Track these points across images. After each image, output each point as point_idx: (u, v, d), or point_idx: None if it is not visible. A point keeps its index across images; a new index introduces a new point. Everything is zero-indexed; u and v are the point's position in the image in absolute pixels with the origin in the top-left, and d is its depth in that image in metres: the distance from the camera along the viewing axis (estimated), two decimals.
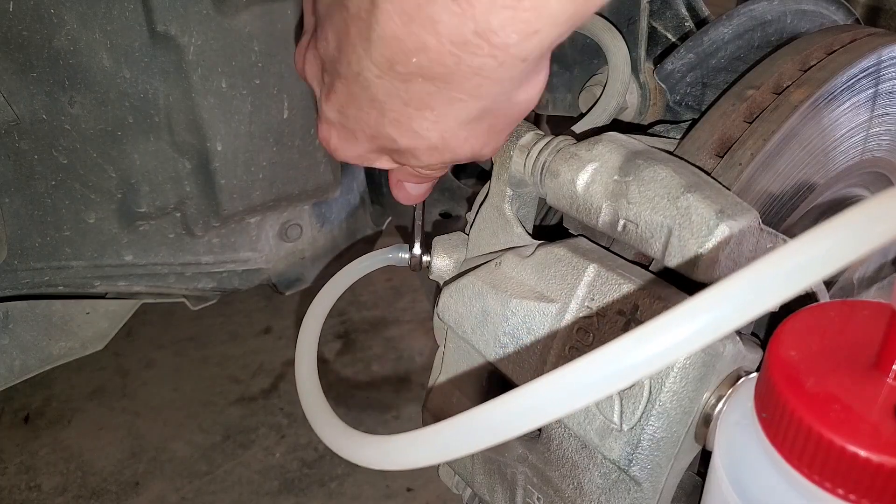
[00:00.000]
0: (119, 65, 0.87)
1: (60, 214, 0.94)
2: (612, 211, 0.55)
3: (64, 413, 1.81)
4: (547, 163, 0.60)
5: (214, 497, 1.58)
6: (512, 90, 0.46)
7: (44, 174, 0.91)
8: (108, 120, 0.89)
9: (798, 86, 0.63)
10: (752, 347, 0.55)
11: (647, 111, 0.78)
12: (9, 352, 0.96)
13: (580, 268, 0.55)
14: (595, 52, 0.80)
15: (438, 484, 1.29)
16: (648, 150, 0.56)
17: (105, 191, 0.94)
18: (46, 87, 0.86)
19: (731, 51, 0.75)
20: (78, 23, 0.83)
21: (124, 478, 1.63)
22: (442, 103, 0.46)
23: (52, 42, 0.84)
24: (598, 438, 0.53)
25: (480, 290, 0.61)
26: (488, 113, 0.48)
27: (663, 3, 0.81)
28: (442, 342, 0.70)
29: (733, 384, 0.50)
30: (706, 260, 0.50)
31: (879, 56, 0.66)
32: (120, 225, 0.97)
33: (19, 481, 1.62)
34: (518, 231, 0.64)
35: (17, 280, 0.95)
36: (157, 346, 2.01)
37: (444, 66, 0.42)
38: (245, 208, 1.01)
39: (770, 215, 0.64)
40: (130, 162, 0.93)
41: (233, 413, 1.80)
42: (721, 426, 0.47)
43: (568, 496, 0.58)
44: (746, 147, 0.61)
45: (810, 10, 0.77)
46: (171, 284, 1.03)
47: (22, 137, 0.88)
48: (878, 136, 0.71)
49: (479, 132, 0.50)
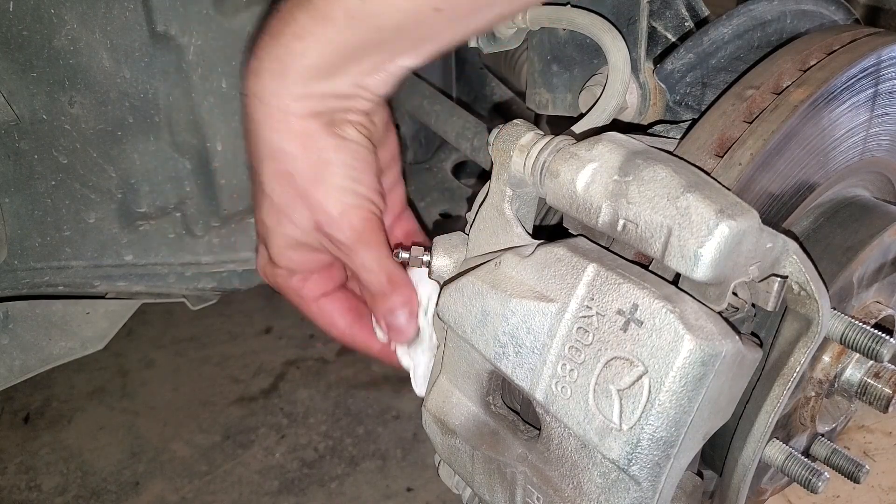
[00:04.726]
0: (119, 65, 0.87)
1: (60, 214, 0.94)
2: (611, 211, 0.55)
3: (64, 413, 1.81)
4: (547, 163, 0.60)
5: (214, 497, 1.58)
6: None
7: (44, 174, 0.91)
8: (108, 120, 0.89)
9: (798, 86, 0.63)
10: (751, 347, 0.55)
11: (647, 111, 0.78)
12: (9, 352, 0.96)
13: (580, 267, 0.55)
14: (595, 52, 0.80)
15: (438, 484, 1.29)
16: (648, 150, 0.56)
17: (105, 191, 0.94)
18: (46, 87, 0.86)
19: (731, 51, 0.75)
20: (78, 23, 0.83)
21: (124, 478, 1.63)
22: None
23: (52, 42, 0.84)
24: (597, 438, 0.53)
25: (480, 290, 0.61)
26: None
27: (663, 3, 0.81)
28: (442, 342, 0.70)
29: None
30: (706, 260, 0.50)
31: (879, 56, 0.66)
32: (120, 225, 0.97)
33: (19, 481, 1.62)
34: (518, 231, 0.64)
35: (17, 280, 0.95)
36: (157, 346, 2.01)
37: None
38: (245, 208, 1.01)
39: (770, 215, 0.64)
40: (130, 162, 0.93)
41: (233, 413, 1.80)
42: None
43: (567, 496, 0.58)
44: (746, 147, 0.61)
45: (810, 10, 0.77)
46: (171, 284, 1.03)
47: (22, 137, 0.88)
48: (878, 136, 0.71)
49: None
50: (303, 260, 0.75)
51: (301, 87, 0.64)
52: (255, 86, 0.65)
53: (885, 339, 0.59)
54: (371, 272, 0.72)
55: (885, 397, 0.66)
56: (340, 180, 0.68)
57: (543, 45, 0.84)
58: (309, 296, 0.78)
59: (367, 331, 0.79)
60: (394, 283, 0.73)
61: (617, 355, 0.52)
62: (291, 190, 0.68)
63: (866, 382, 0.67)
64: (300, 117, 0.65)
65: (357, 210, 0.69)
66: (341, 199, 0.68)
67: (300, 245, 0.72)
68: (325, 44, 0.62)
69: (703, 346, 0.49)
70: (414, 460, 1.66)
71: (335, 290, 0.79)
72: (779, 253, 0.54)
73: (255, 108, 0.66)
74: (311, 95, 0.64)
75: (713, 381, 0.51)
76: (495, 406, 0.67)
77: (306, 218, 0.69)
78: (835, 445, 0.74)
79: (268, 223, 0.71)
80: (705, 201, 0.51)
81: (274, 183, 0.68)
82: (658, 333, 0.50)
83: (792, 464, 0.65)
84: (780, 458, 0.65)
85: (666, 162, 0.54)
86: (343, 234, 0.69)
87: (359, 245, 0.70)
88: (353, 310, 0.80)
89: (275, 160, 0.67)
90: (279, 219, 0.70)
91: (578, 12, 0.75)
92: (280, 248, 0.73)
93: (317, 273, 0.77)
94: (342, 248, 0.70)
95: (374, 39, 0.62)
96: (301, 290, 0.77)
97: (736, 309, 0.55)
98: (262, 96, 0.65)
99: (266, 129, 0.66)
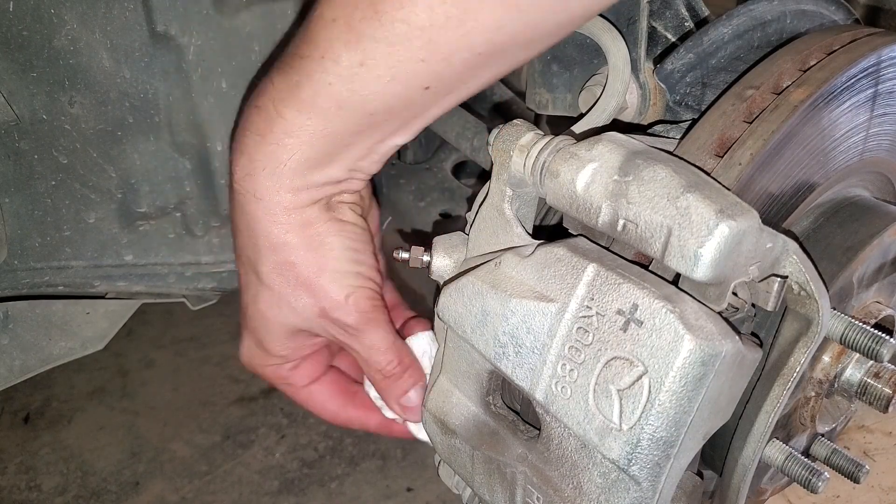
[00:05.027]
0: (119, 65, 0.87)
1: (60, 214, 0.94)
2: (611, 211, 0.55)
3: (64, 413, 1.81)
4: (547, 163, 0.60)
5: (214, 497, 1.59)
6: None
7: (44, 174, 0.91)
8: (108, 120, 0.89)
9: (798, 86, 0.63)
10: (751, 347, 0.55)
11: (647, 111, 0.78)
12: (9, 352, 0.96)
13: (580, 267, 0.55)
14: (595, 52, 0.80)
15: (438, 484, 1.29)
16: (648, 150, 0.56)
17: (105, 191, 0.94)
18: (46, 87, 0.86)
19: (730, 51, 0.75)
20: (78, 23, 0.83)
21: (124, 478, 1.63)
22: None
23: (52, 42, 0.84)
24: (597, 438, 0.53)
25: (480, 290, 0.61)
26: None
27: (663, 3, 0.81)
28: (442, 342, 0.70)
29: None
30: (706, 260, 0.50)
31: (879, 56, 0.66)
32: (120, 225, 0.97)
33: (19, 481, 1.63)
34: (518, 231, 0.64)
35: (17, 280, 0.95)
36: (157, 346, 2.01)
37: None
38: None
39: (770, 215, 0.64)
40: (130, 162, 0.93)
41: (233, 413, 1.80)
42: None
43: (567, 496, 0.58)
44: (746, 147, 0.61)
45: (810, 10, 0.77)
46: (171, 284, 1.03)
47: (22, 137, 0.88)
48: (878, 136, 0.71)
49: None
50: (297, 346, 0.75)
51: (298, 180, 0.64)
52: (251, 185, 0.65)
53: (885, 339, 0.59)
54: (381, 352, 0.72)
55: (885, 397, 0.66)
56: (343, 264, 0.68)
57: None
58: (298, 383, 0.78)
59: (360, 409, 0.80)
60: (404, 363, 0.73)
61: (617, 355, 0.52)
62: (293, 279, 0.68)
63: (866, 382, 0.67)
64: (300, 209, 0.65)
65: (362, 291, 0.69)
66: (346, 283, 0.68)
67: (298, 332, 0.72)
68: (317, 137, 0.62)
69: (703, 346, 0.49)
70: (414, 460, 1.66)
71: (323, 373, 0.79)
72: (779, 253, 0.54)
73: (252, 206, 0.66)
74: (309, 186, 0.65)
75: (713, 381, 0.51)
76: (495, 406, 0.67)
77: (310, 306, 0.69)
78: (835, 445, 0.74)
79: (267, 314, 0.71)
80: (705, 201, 0.51)
81: (275, 274, 0.68)
82: (658, 333, 0.50)
83: (792, 464, 0.65)
84: (780, 458, 0.65)
85: (666, 162, 0.54)
86: (351, 318, 0.69)
87: (367, 326, 0.70)
88: (343, 392, 0.80)
89: (276, 252, 0.67)
90: (280, 308, 0.70)
91: None
92: (278, 336, 0.72)
93: (307, 359, 0.77)
94: (349, 331, 0.70)
95: (365, 125, 0.61)
96: (290, 379, 0.77)
97: (736, 309, 0.55)
98: (259, 194, 0.65)
99: (266, 224, 0.66)
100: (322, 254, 0.67)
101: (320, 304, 0.69)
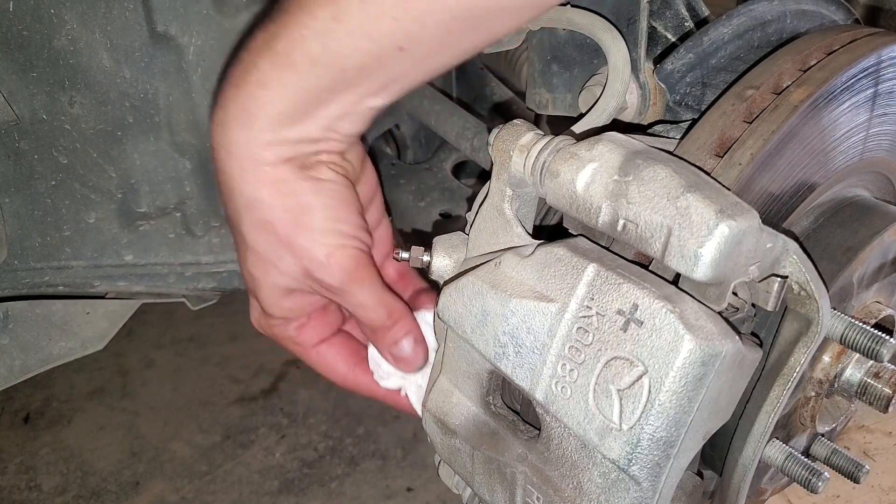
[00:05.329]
0: (119, 65, 0.87)
1: (60, 214, 0.94)
2: (611, 211, 0.55)
3: (64, 413, 1.81)
4: (547, 163, 0.60)
5: (214, 497, 1.59)
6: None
7: (44, 174, 0.91)
8: (108, 120, 0.90)
9: (798, 86, 0.63)
10: (751, 347, 0.55)
11: (647, 111, 0.78)
12: (9, 352, 0.96)
13: (580, 267, 0.55)
14: (595, 52, 0.80)
15: (438, 484, 1.29)
16: (648, 150, 0.56)
17: (105, 191, 0.94)
18: (46, 87, 0.86)
19: (730, 51, 0.75)
20: (78, 23, 0.84)
21: (124, 478, 1.63)
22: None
23: (52, 42, 0.84)
24: (597, 438, 0.53)
25: (480, 290, 0.61)
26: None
27: (663, 3, 0.81)
28: (442, 342, 0.70)
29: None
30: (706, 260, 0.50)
31: (879, 56, 0.66)
32: (120, 225, 0.97)
33: (19, 481, 1.63)
34: (518, 231, 0.64)
35: (17, 280, 0.95)
36: (157, 346, 2.01)
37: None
38: None
39: (770, 215, 0.64)
40: (130, 162, 0.93)
41: (233, 413, 1.80)
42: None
43: (567, 496, 0.58)
44: (746, 147, 0.61)
45: (810, 10, 0.77)
46: (171, 284, 1.03)
47: (22, 137, 0.88)
48: (878, 136, 0.71)
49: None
50: (296, 306, 0.73)
51: (269, 134, 0.63)
52: (223, 138, 0.64)
53: (885, 339, 0.59)
54: (369, 309, 0.70)
55: (885, 397, 0.66)
56: (322, 223, 0.66)
57: (543, 45, 0.84)
58: (307, 343, 0.76)
59: (370, 375, 0.78)
60: (394, 316, 0.72)
61: (617, 355, 0.52)
62: (274, 239, 0.66)
63: (866, 382, 0.67)
64: (272, 165, 0.64)
65: (344, 250, 0.67)
66: (326, 242, 0.67)
67: (291, 292, 0.71)
68: (290, 90, 0.61)
69: (703, 346, 0.49)
70: (414, 460, 1.66)
71: (333, 334, 0.78)
72: (779, 253, 0.54)
73: (224, 161, 0.65)
74: (281, 142, 0.63)
75: (713, 381, 0.51)
76: (495, 406, 0.67)
77: (293, 265, 0.67)
78: (835, 445, 0.74)
79: (255, 275, 0.70)
80: (705, 201, 0.51)
81: (255, 234, 0.67)
82: (658, 333, 0.50)
83: (792, 464, 0.65)
84: (780, 458, 0.65)
85: (666, 162, 0.54)
86: (333, 277, 0.67)
87: (352, 284, 0.68)
88: (354, 354, 0.79)
89: (252, 211, 0.66)
90: (266, 269, 0.69)
91: (578, 12, 0.75)
92: (271, 298, 0.71)
93: (313, 319, 0.76)
94: (335, 290, 0.69)
95: (339, 82, 0.61)
96: (298, 339, 0.76)
97: (736, 309, 0.55)
98: (230, 148, 0.64)
99: (239, 181, 0.65)
100: (299, 213, 0.66)
101: (302, 263, 0.67)
